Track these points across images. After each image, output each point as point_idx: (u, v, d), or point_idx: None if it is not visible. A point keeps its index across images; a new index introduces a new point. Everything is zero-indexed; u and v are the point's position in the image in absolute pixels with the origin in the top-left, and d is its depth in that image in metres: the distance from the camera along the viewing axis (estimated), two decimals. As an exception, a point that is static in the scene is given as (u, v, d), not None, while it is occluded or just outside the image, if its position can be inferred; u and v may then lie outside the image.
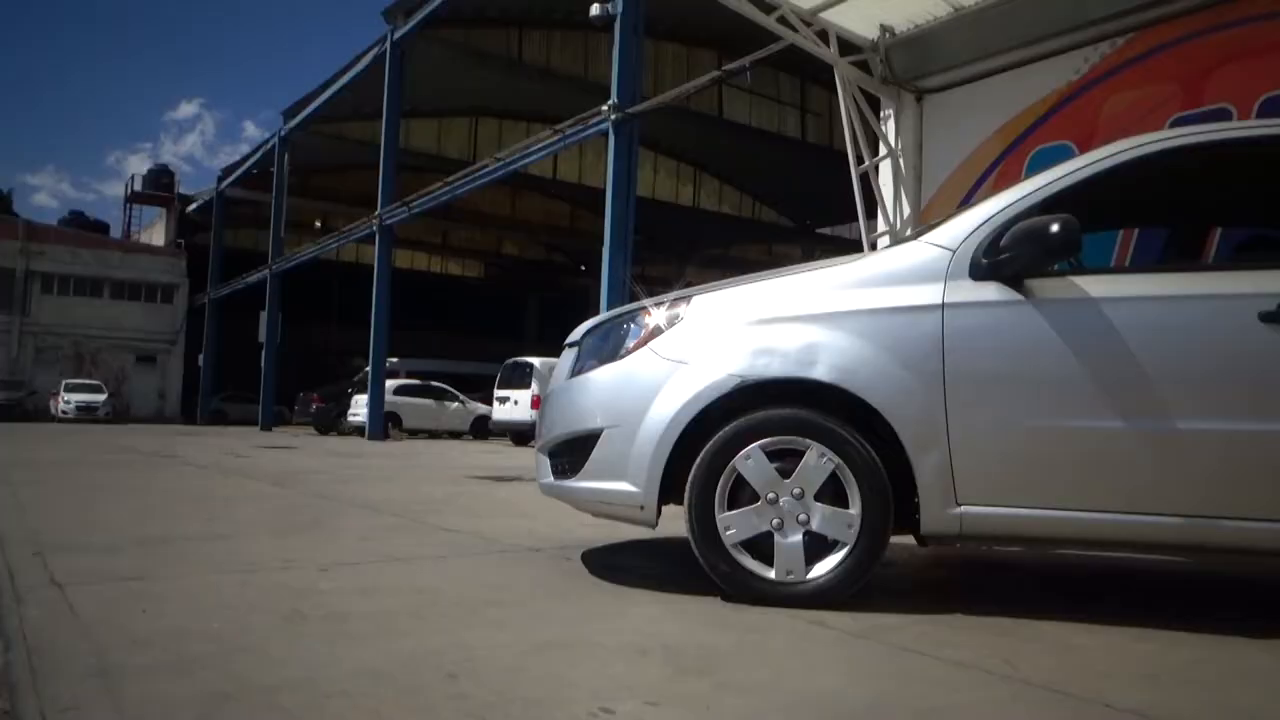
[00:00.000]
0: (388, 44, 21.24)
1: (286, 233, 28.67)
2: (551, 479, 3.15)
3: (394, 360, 24.64)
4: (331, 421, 24.30)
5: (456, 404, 23.93)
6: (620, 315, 3.13)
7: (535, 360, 19.08)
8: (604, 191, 13.11)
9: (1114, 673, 2.14)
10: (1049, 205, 2.76)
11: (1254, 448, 2.54)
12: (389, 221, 20.83)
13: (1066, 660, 2.24)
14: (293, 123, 27.20)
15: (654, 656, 2.14)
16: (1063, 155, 5.96)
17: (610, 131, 13.02)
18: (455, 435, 23.73)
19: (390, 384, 22.27)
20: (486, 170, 17.68)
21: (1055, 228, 2.58)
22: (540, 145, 15.89)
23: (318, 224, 33.32)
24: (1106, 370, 2.61)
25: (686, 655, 2.16)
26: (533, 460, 3.46)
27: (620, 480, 2.84)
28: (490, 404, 20.61)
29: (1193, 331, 2.62)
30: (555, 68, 27.84)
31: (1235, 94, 5.79)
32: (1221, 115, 5.78)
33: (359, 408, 22.12)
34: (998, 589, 3.40)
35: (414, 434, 22.99)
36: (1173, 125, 5.81)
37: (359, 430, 21.84)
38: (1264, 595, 3.53)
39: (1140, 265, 4.93)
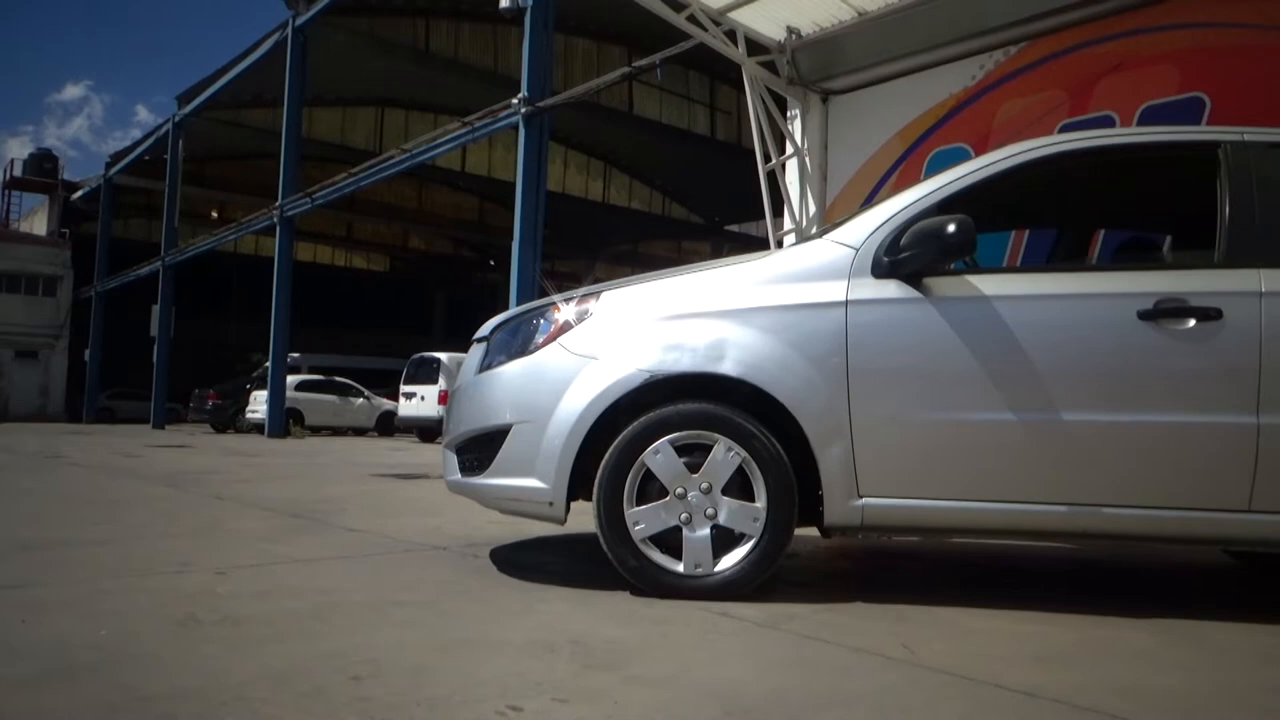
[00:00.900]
0: (289, 30, 20.56)
1: (181, 223, 27.48)
2: (459, 476, 3.11)
3: (295, 355, 23.92)
4: (229, 419, 23.46)
5: (361, 400, 23.40)
6: (530, 310, 3.11)
7: (443, 355, 18.80)
8: (514, 185, 12.99)
9: (1006, 655, 2.23)
10: (946, 206, 2.85)
11: (1131, 439, 2.69)
12: (290, 213, 20.19)
13: (962, 644, 2.33)
14: (188, 108, 26.08)
15: (562, 652, 2.13)
16: (960, 157, 6.18)
17: (520, 125, 12.91)
18: (360, 432, 23.21)
19: (291, 380, 21.62)
20: (393, 162, 17.31)
21: (952, 228, 2.67)
22: (448, 137, 15.63)
23: (214, 214, 32.07)
24: (999, 366, 2.71)
25: (594, 650, 2.16)
26: (439, 457, 3.41)
27: (529, 476, 2.82)
28: (396, 400, 20.21)
29: (1077, 329, 2.75)
30: (464, 59, 27.46)
31: (1118, 102, 6.09)
32: (1105, 122, 6.08)
33: (258, 404, 21.41)
34: (897, 577, 3.51)
35: (316, 431, 22.37)
36: (1061, 131, 6.08)
37: (258, 428, 21.14)
38: (1140, 578, 3.73)
39: (1030, 265, 5.15)
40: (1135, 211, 4.07)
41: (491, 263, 39.26)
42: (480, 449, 2.98)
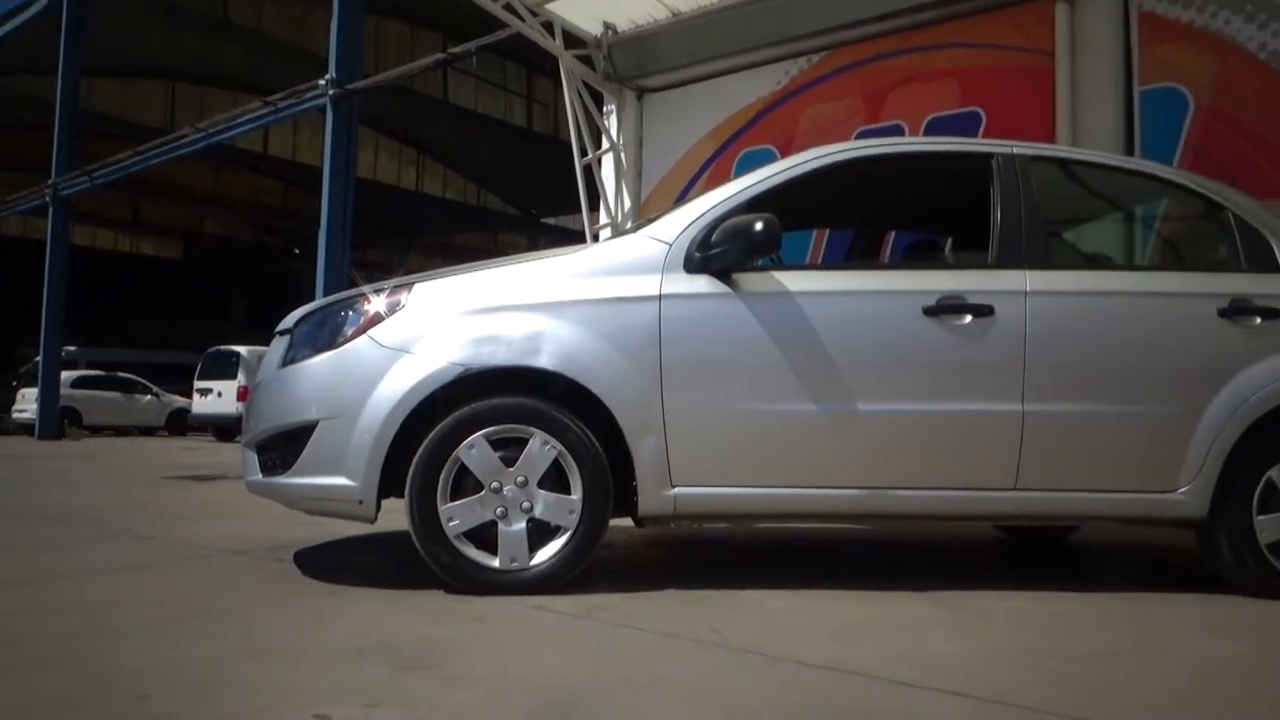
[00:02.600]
0: (64, -11, 18.70)
1: (-69, 200, 24.45)
2: (260, 476, 2.95)
3: (72, 349, 21.81)
4: (-9, 420, 21.12)
5: (149, 397, 21.66)
6: (337, 302, 2.98)
7: (242, 349, 17.68)
8: (320, 170, 12.41)
9: (806, 632, 2.37)
10: (755, 205, 2.98)
11: (916, 426, 2.91)
12: (66, 192, 18.36)
13: (766, 624, 2.45)
14: (-60, 72, 23.21)
15: (373, 655, 2.07)
16: (767, 158, 6.44)
17: (328, 107, 12.33)
18: (148, 432, 21.48)
19: (67, 375, 19.68)
20: (186, 140, 16.08)
21: (759, 226, 2.79)
22: (249, 117, 14.70)
23: (-25, 191, 28.72)
24: (801, 358, 2.86)
25: (407, 651, 2.11)
26: (238, 457, 3.22)
27: (337, 474, 2.71)
28: (190, 396, 18.85)
29: (871, 323, 2.95)
30: (268, 34, 25.90)
31: (907, 113, 6.55)
32: (896, 131, 6.52)
33: (26, 403, 19.39)
34: (708, 564, 3.64)
35: (97, 431, 20.53)
36: (858, 137, 6.47)
37: (26, 429, 19.15)
38: (923, 554, 4.05)
39: (830, 263, 5.46)
40: (922, 214, 4.40)
41: (297, 251, 37.26)
42: (283, 447, 2.84)
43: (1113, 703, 1.86)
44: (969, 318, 2.94)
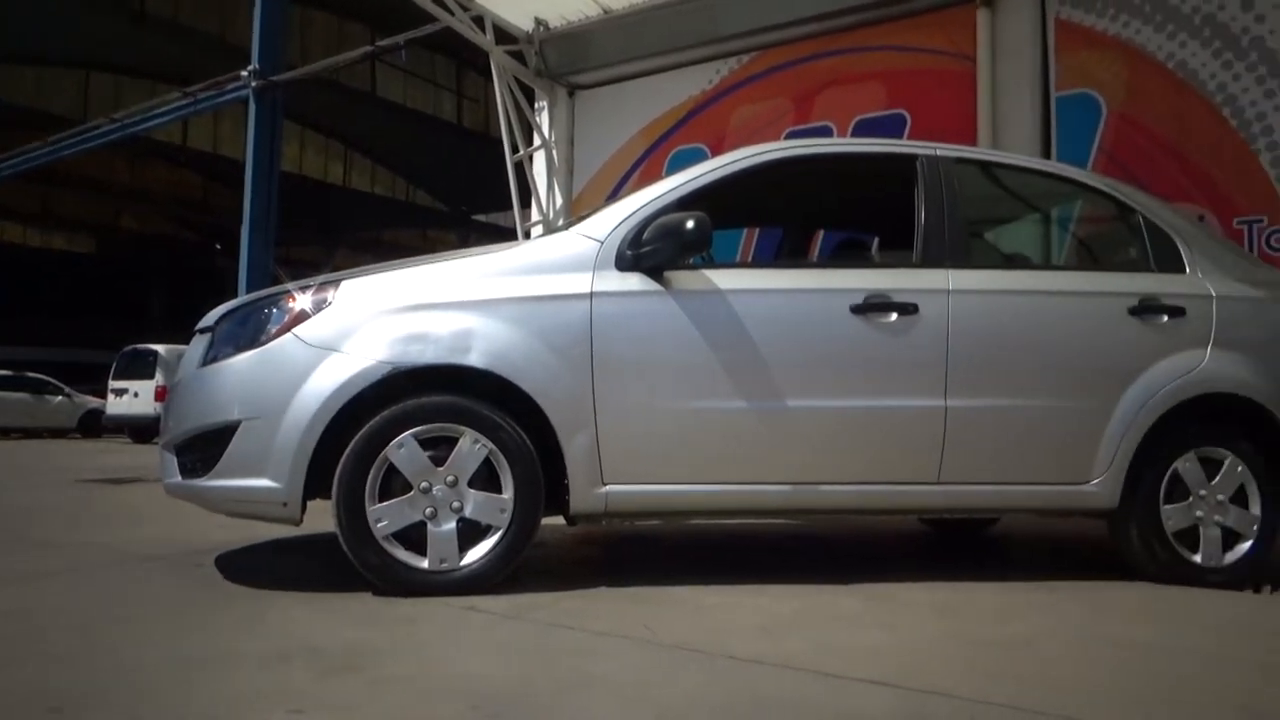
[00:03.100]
0: (-35, -28, 17.87)
1: None
2: (179, 478, 2.85)
3: (-26, 348, 20.86)
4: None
5: (60, 397, 20.80)
6: (261, 299, 2.91)
7: (160, 348, 17.09)
8: (243, 164, 12.09)
9: (735, 627, 2.39)
10: (686, 203, 2.99)
11: (844, 422, 2.96)
12: (-31, 183, 17.57)
13: (697, 620, 2.47)
14: None
15: (298, 661, 2.03)
16: (698, 157, 6.49)
17: (251, 99, 12.03)
18: (59, 434, 20.63)
19: (-31, 376, 18.84)
20: (100, 131, 15.54)
21: (690, 224, 2.81)
22: (167, 108, 14.27)
23: None
24: (731, 356, 2.89)
25: (334, 655, 2.07)
26: (156, 458, 3.12)
27: (260, 476, 2.64)
28: (104, 397, 18.17)
29: (800, 321, 2.99)
30: (186, 23, 25.12)
31: (836, 114, 6.66)
32: (825, 132, 6.63)
33: (-77, 405, 18.47)
34: (640, 561, 3.65)
35: (5, 434, 19.66)
36: (787, 137, 6.55)
37: (-77, 432, 18.25)
38: (850, 547, 4.13)
39: (760, 261, 5.52)
40: (849, 214, 4.48)
41: (218, 247, 36.23)
42: (204, 448, 2.75)
43: (1030, 687, 1.92)
44: (894, 316, 3.00)
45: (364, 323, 2.73)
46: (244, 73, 12.15)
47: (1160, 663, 2.18)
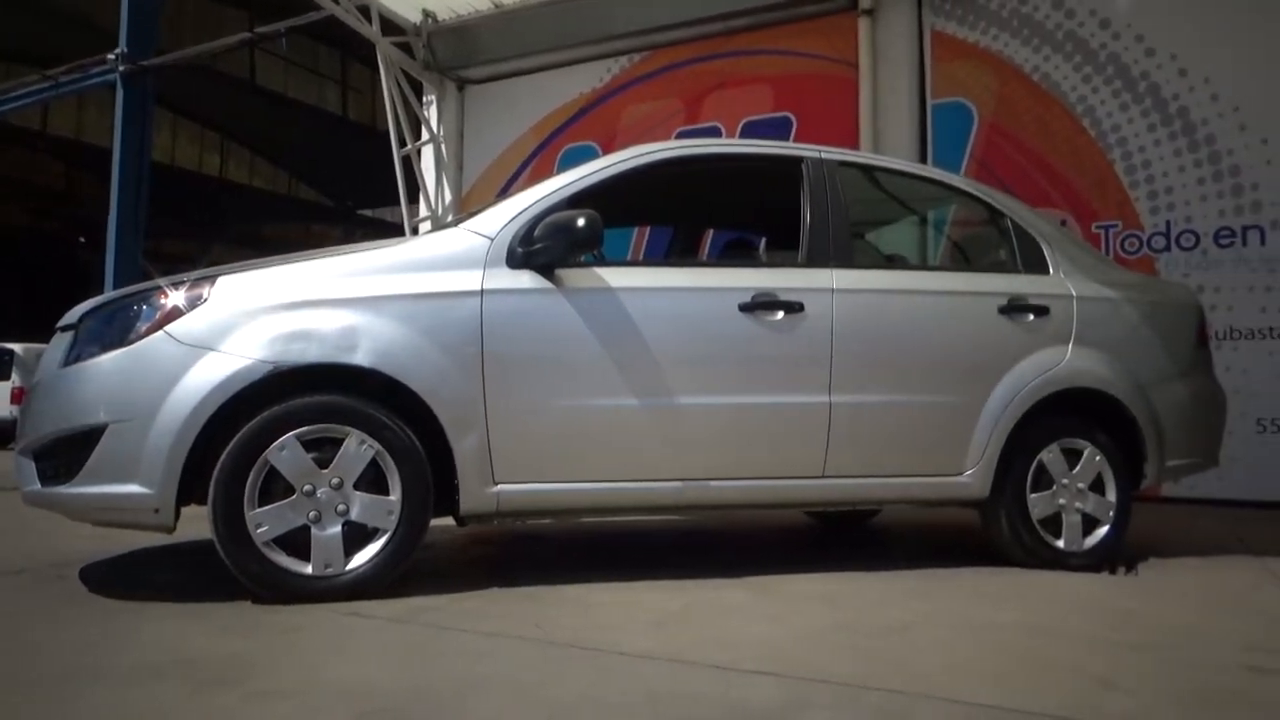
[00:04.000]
0: None
1: None
2: (39, 486, 2.68)
3: None
4: None
5: (-95, 400, 19.28)
6: (129, 295, 2.76)
7: (16, 347, 16.00)
8: (110, 152, 11.45)
9: (626, 623, 2.41)
10: (577, 201, 2.99)
11: (732, 419, 3.02)
12: None
13: (588, 617, 2.47)
14: None
15: (171, 675, 1.93)
16: (590, 155, 6.50)
17: (119, 85, 11.39)
18: (-97, 439, 19.11)
19: None
20: (-54, 114, 14.44)
21: (581, 222, 2.81)
22: (24, 91, 13.35)
23: None
24: (622, 354, 2.91)
25: (210, 668, 1.99)
26: (11, 465, 2.92)
27: (129, 482, 2.51)
28: (-45, 399, 16.91)
29: (689, 319, 3.03)
30: (49, 0, 23.58)
31: (724, 115, 6.78)
32: (714, 132, 6.74)
33: None
34: (532, 560, 3.63)
35: None
36: (678, 137, 6.64)
37: None
38: (738, 542, 4.21)
39: (651, 260, 5.57)
40: (738, 214, 4.56)
41: (82, 240, 34.18)
42: (66, 453, 2.59)
43: (908, 670, 2.00)
44: (781, 314, 3.08)
45: (243, 320, 2.63)
46: (111, 56, 11.49)
47: (1025, 641, 2.30)
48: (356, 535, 2.64)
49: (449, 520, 2.90)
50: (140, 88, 11.51)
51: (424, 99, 7.82)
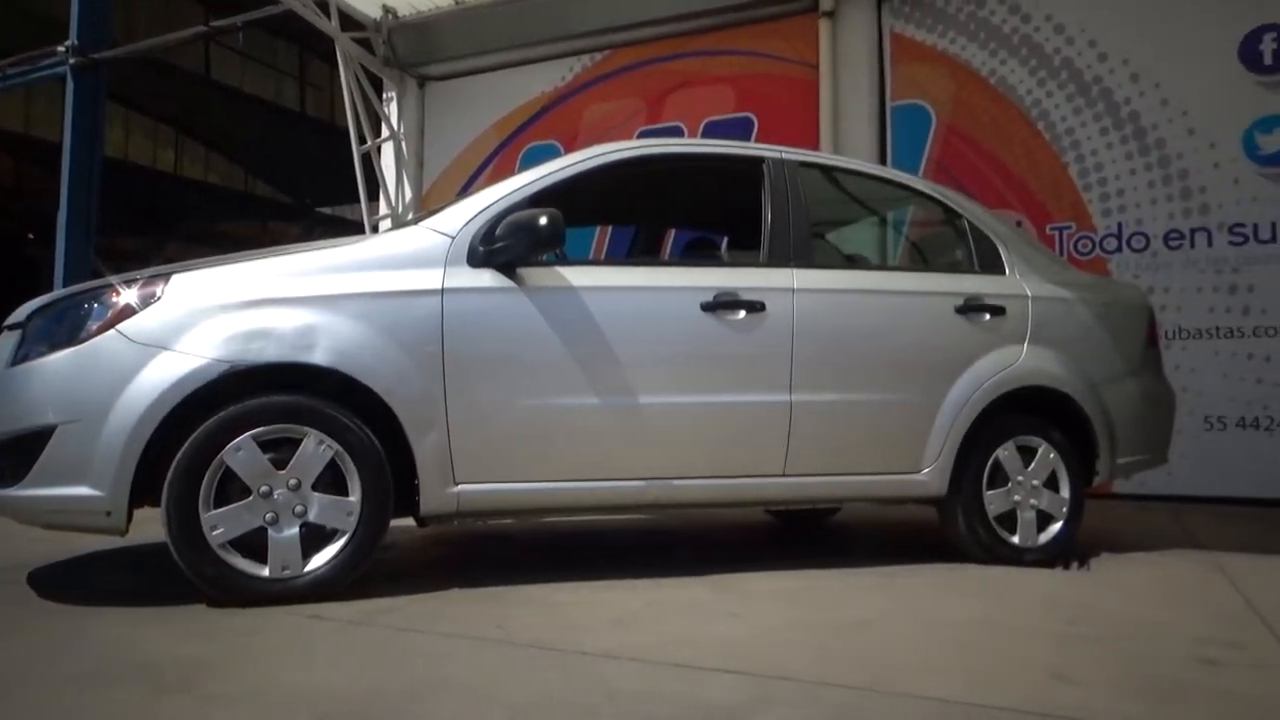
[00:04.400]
0: None
1: None
2: (-15, 489, 2.61)
3: None
4: None
5: None
6: (79, 293, 2.70)
7: (-36, 345, 15.61)
8: (60, 147, 11.18)
9: (589, 623, 2.41)
10: (539, 199, 2.98)
11: (694, 418, 3.03)
12: None
13: (550, 617, 2.47)
14: None
15: (126, 681, 1.90)
16: (551, 154, 6.48)
17: (69, 78, 11.13)
18: None
19: None
20: (-114, 106, 14.00)
21: (543, 221, 2.80)
22: (-32, 83, 12.99)
23: None
24: (584, 353, 2.90)
25: (165, 673, 1.95)
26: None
27: (80, 484, 2.46)
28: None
29: (651, 318, 3.04)
30: (-10, -11, 22.97)
31: (686, 115, 6.80)
32: (676, 132, 6.75)
33: None
34: (493, 561, 3.61)
35: None
36: (640, 136, 6.64)
37: None
38: (700, 540, 4.23)
39: (613, 259, 5.57)
40: (700, 213, 4.58)
41: (30, 236, 33.36)
42: (14, 455, 2.53)
43: (867, 666, 2.03)
44: (742, 313, 3.09)
45: (197, 319, 2.58)
46: (61, 48, 11.23)
47: (980, 636, 2.34)
48: (315, 537, 2.61)
49: (409, 521, 2.88)
50: (92, 81, 11.26)
51: (384, 95, 7.74)
